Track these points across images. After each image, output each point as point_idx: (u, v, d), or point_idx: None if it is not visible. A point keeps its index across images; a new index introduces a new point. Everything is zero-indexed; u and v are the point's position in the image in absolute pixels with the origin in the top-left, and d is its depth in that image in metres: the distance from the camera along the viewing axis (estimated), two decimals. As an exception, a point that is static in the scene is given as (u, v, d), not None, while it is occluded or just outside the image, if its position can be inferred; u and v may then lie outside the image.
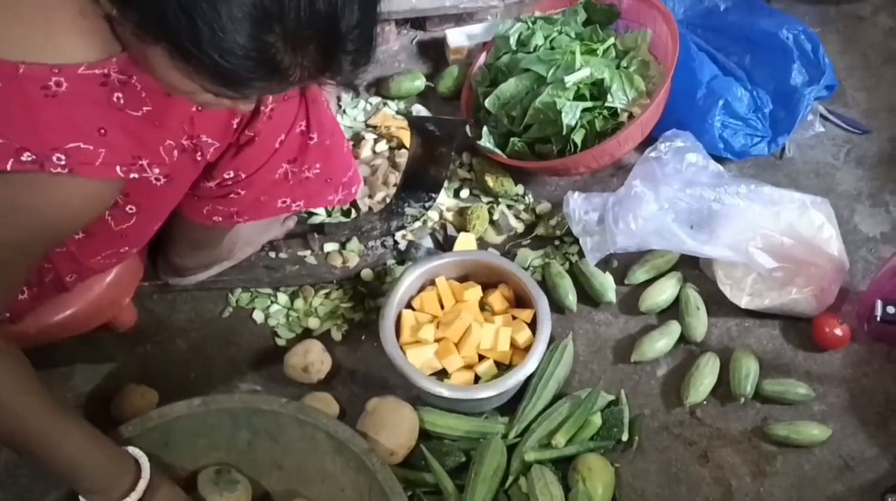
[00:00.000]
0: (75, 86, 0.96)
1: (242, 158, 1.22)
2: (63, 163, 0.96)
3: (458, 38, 1.95)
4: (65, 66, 0.95)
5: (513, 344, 1.48)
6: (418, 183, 1.58)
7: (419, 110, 1.87)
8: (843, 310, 1.60)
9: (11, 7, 0.95)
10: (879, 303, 1.31)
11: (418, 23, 2.04)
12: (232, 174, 1.24)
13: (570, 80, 1.62)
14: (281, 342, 1.58)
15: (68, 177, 0.97)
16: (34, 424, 1.08)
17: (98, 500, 1.15)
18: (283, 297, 1.62)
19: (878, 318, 1.31)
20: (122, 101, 1.00)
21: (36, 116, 0.95)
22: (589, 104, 1.63)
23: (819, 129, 1.85)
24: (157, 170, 1.09)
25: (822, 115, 1.88)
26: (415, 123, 1.55)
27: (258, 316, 1.61)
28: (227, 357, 1.56)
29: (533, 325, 1.48)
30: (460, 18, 2.02)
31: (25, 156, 0.95)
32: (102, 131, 0.99)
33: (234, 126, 1.17)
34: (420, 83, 1.91)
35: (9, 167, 0.95)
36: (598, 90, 1.65)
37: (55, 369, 1.55)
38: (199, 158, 1.16)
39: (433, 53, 2.02)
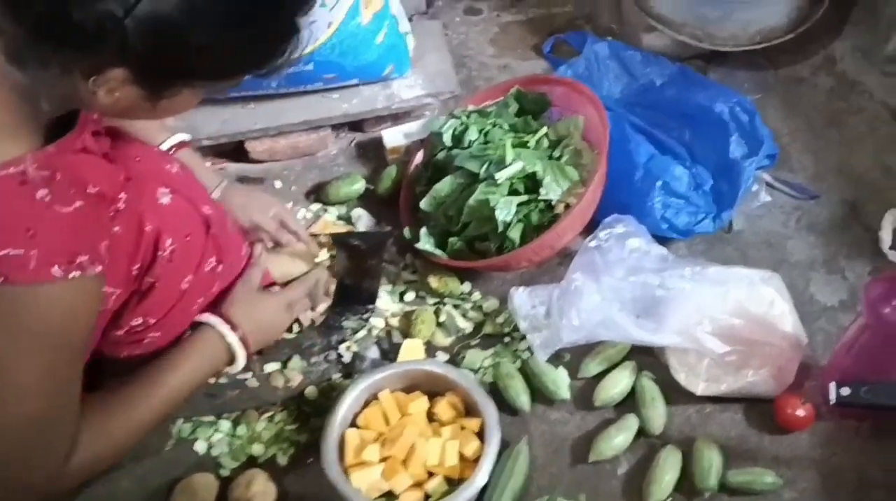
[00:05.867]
0: None
1: (148, 305, 1.20)
2: None
3: (394, 137, 1.92)
4: None
5: (462, 457, 1.42)
6: (352, 296, 1.54)
7: (359, 215, 1.84)
8: (807, 387, 1.54)
9: None
10: (833, 386, 1.26)
11: (356, 125, 2.02)
12: (140, 320, 1.21)
13: (502, 176, 1.59)
14: (225, 472, 1.51)
15: (4, 288, 0.94)
16: (150, 414, 1.26)
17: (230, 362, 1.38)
18: (225, 424, 1.55)
19: (834, 401, 1.26)
20: (48, 198, 0.97)
21: None
22: (524, 198, 1.60)
23: (766, 199, 1.82)
24: (99, 268, 1.04)
25: (768, 184, 1.85)
26: (337, 240, 1.52)
27: (200, 446, 1.54)
28: (172, 492, 1.49)
29: (483, 434, 1.42)
30: (398, 117, 2.00)
31: None
32: (30, 232, 0.96)
33: (135, 273, 1.14)
34: (359, 186, 1.88)
35: None
36: (532, 183, 1.62)
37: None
38: (102, 308, 1.12)
39: (373, 154, 1.99)
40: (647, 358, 1.60)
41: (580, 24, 2.29)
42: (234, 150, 1.97)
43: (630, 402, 1.55)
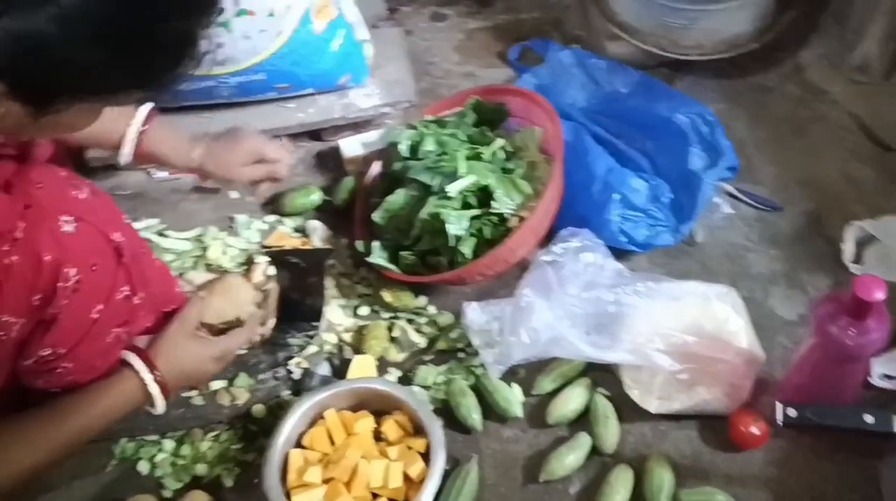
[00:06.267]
0: None
1: (53, 336, 1.16)
2: None
3: (352, 147, 1.89)
4: None
5: (407, 478, 1.39)
6: (296, 314, 1.50)
7: (315, 227, 1.80)
8: (763, 403, 1.51)
9: None
10: (780, 407, 1.23)
11: (314, 134, 1.99)
12: (49, 351, 1.17)
13: (453, 189, 1.56)
14: (167, 493, 1.48)
15: None
16: (53, 447, 1.21)
17: (148, 404, 1.32)
18: (169, 444, 1.52)
19: (780, 422, 1.23)
20: None
21: None
22: (476, 212, 1.57)
23: (728, 211, 1.79)
24: None
25: (731, 195, 1.83)
26: (276, 258, 1.48)
27: (143, 466, 1.50)
28: (110, 515, 1.46)
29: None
30: (358, 126, 1.97)
31: None
32: None
33: (36, 303, 1.10)
34: (316, 197, 1.85)
35: None
36: (484, 196, 1.59)
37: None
38: (3, 337, 1.08)
39: (332, 164, 1.96)
40: (604, 374, 1.57)
41: (547, 30, 2.26)
42: (191, 160, 1.93)
43: (585, 420, 1.52)
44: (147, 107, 1.47)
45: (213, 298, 1.40)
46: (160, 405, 1.33)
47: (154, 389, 1.30)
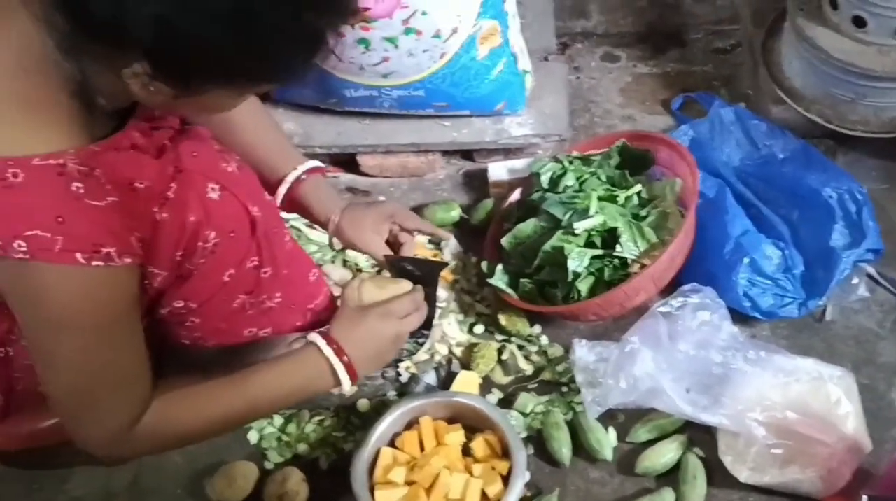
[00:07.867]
0: (31, 175, 1.02)
1: (187, 289, 1.28)
2: (24, 249, 1.03)
3: (499, 171, 1.96)
4: (18, 158, 1.02)
5: (485, 496, 1.44)
6: (409, 318, 1.57)
7: (447, 242, 1.88)
8: (860, 495, 1.46)
9: None
10: (864, 499, 1.20)
11: (467, 153, 2.06)
12: (182, 303, 1.29)
13: (580, 226, 1.59)
14: (269, 465, 1.59)
15: (33, 263, 1.03)
16: (227, 410, 1.28)
17: (334, 388, 1.35)
18: (278, 419, 1.63)
19: (861, 516, 1.20)
20: (81, 191, 1.05)
21: None
22: (599, 252, 1.60)
23: (864, 294, 1.74)
24: (128, 260, 1.11)
25: (871, 278, 1.77)
26: (393, 263, 1.56)
27: (253, 436, 1.62)
28: (214, 474, 1.58)
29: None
30: (509, 152, 2.03)
31: None
32: (60, 219, 1.04)
33: (178, 258, 1.22)
34: (455, 214, 1.92)
35: None
36: (611, 238, 1.62)
37: (53, 471, 1.60)
38: (147, 285, 1.21)
39: (478, 184, 2.03)
40: (702, 434, 1.56)
41: (716, 85, 2.25)
42: (348, 162, 2.06)
43: (673, 476, 1.53)
44: (314, 162, 1.54)
45: (367, 283, 1.46)
46: (346, 384, 1.35)
47: (339, 367, 1.33)
